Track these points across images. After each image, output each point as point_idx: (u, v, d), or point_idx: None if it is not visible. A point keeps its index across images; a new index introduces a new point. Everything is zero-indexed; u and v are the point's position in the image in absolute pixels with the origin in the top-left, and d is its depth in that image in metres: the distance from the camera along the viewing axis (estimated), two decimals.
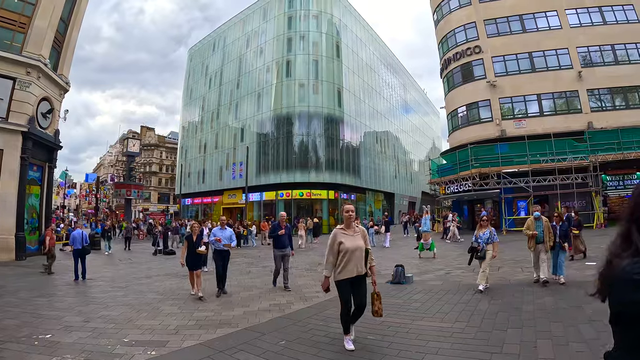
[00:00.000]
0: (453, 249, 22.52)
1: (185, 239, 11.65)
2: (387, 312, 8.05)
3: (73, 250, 14.83)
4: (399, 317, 8.40)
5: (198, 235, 11.65)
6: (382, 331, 7.36)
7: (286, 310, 9.34)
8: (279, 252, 12.20)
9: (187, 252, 11.28)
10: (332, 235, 6.48)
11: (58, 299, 11.14)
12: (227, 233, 11.87)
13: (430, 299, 9.94)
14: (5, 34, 21.22)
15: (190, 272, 11.40)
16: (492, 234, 10.69)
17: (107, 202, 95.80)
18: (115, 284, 13.81)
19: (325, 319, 8.33)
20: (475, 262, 11.13)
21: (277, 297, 10.87)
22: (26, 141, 20.98)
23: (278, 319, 8.60)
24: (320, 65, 49.59)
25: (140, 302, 10.46)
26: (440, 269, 15.33)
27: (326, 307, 9.29)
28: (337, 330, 7.10)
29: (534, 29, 37.33)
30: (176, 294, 11.61)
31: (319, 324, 8.02)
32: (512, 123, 36.37)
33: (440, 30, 44.21)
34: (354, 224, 6.71)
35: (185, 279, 14.03)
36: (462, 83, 40.42)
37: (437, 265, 16.16)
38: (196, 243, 11.42)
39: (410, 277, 12.48)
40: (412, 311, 8.88)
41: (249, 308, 9.60)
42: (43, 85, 22.44)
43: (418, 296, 10.37)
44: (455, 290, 10.76)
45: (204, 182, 61.94)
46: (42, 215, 23.57)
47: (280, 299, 10.53)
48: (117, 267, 19.30)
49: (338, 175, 48.44)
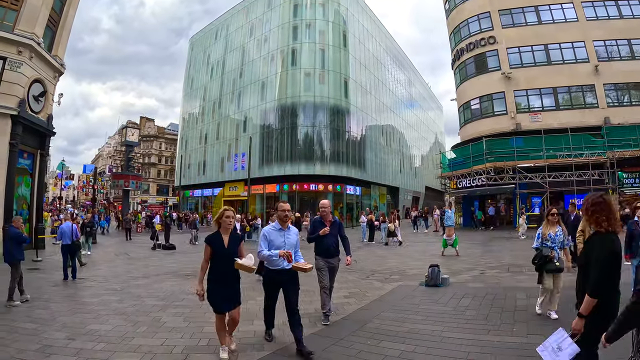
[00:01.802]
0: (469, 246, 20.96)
1: (208, 242, 5.90)
2: (445, 324, 7.26)
3: (62, 245, 13.12)
4: (464, 330, 7.07)
5: (234, 235, 6.15)
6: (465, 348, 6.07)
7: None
8: (324, 263, 7.85)
9: (211, 269, 5.89)
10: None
11: (40, 305, 9.43)
12: (293, 237, 6.69)
13: (482, 306, 8.70)
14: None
15: (219, 314, 5.90)
16: (565, 235, 7.94)
17: (105, 193, 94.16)
18: (109, 284, 12.10)
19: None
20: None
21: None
22: (16, 126, 19.21)
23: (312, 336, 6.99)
24: (327, 55, 48.06)
25: (137, 311, 8.80)
26: (470, 268, 14.06)
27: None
28: None
29: (550, 20, 36.27)
30: (179, 299, 9.96)
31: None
32: (528, 116, 35.50)
33: (452, 20, 42.80)
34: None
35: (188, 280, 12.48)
36: (475, 74, 39.30)
37: (464, 264, 14.83)
38: (230, 250, 5.89)
39: (447, 279, 11.24)
40: (475, 322, 7.56)
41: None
42: (36, 66, 20.70)
43: (466, 301, 9.12)
44: (503, 295, 9.53)
45: (205, 174, 60.42)
46: (34, 206, 21.83)
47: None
48: (112, 263, 17.61)
49: (344, 168, 47.10)
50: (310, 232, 8.23)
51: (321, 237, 7.85)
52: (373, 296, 10.12)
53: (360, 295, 10.24)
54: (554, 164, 31.55)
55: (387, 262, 16.33)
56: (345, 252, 8.10)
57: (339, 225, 8.20)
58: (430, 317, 8.02)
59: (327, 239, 7.88)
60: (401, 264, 15.65)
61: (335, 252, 7.99)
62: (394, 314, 8.32)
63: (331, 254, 7.95)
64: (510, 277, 11.85)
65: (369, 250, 21.54)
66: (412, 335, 6.84)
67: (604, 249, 3.63)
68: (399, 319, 7.90)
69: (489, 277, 12.03)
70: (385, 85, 63.95)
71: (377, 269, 14.17)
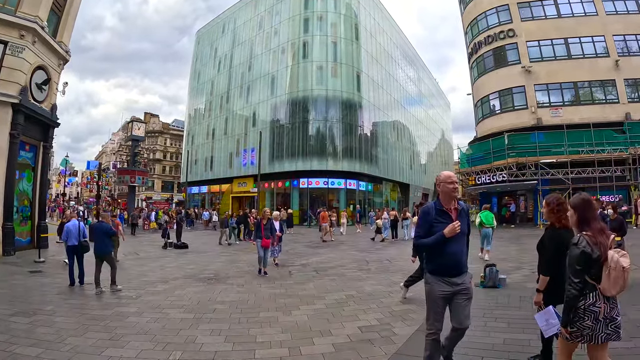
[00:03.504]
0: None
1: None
2: (536, 332, 5.72)
3: (67, 246, 11.51)
4: None
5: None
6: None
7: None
8: (445, 286, 4.55)
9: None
10: None
11: (44, 320, 7.76)
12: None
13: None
14: None
15: None
16: None
17: (110, 190, 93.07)
18: (123, 291, 10.49)
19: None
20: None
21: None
22: (17, 115, 17.70)
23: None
24: (339, 48, 46.90)
25: (163, 328, 7.24)
26: (516, 267, 13.12)
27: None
28: None
29: (569, 14, 35.38)
30: (210, 310, 8.48)
31: None
32: (549, 111, 34.56)
33: (469, 12, 41.69)
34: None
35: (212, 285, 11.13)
36: (494, 68, 38.26)
37: (508, 263, 13.72)
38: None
39: (504, 279, 10.37)
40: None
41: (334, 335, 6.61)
42: (39, 51, 19.27)
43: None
44: None
45: (212, 170, 59.18)
46: (36, 202, 20.33)
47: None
48: (122, 264, 16.04)
49: (357, 163, 46.04)
50: (423, 231, 4.66)
51: (444, 241, 4.46)
52: None
53: (421, 300, 8.90)
54: (576, 159, 30.95)
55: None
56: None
57: (467, 215, 4.85)
58: (513, 323, 7.14)
59: (454, 243, 4.53)
60: None
61: (464, 266, 4.68)
62: (474, 322, 7.05)
63: (459, 269, 4.61)
64: None
65: (397, 248, 20.42)
66: (512, 347, 5.98)
67: (553, 241, 4.75)
68: (482, 328, 6.87)
69: None
70: (395, 80, 62.76)
71: None
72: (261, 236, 13.12)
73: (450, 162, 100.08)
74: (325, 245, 22.15)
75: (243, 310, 8.52)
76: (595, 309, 3.65)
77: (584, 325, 3.68)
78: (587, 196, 4.18)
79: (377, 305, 8.69)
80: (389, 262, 15.18)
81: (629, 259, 3.60)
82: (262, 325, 7.36)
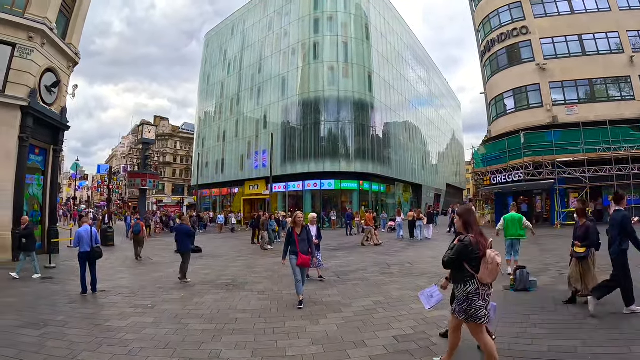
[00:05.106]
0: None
1: None
2: (579, 337, 6.35)
3: (79, 253, 11.10)
4: (607, 343, 6.21)
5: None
6: None
7: None
8: None
9: None
10: None
11: (55, 333, 7.35)
12: None
13: (599, 312, 7.48)
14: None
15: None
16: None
17: (120, 193, 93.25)
18: (138, 299, 10.08)
19: None
20: None
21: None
22: (26, 118, 17.48)
23: None
24: (350, 48, 46.51)
25: (183, 341, 6.83)
26: (542, 268, 13.04)
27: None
28: None
29: (583, 10, 34.85)
30: (232, 320, 8.08)
31: None
32: (564, 109, 33.90)
33: (481, 10, 41.14)
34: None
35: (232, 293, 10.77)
36: (507, 66, 37.66)
37: (533, 264, 12.95)
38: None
39: (535, 282, 10.13)
40: (608, 332, 6.65)
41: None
42: (48, 53, 19.03)
43: (574, 308, 8.10)
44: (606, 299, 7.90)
45: (223, 172, 59.05)
46: (46, 207, 20.06)
47: None
48: (135, 269, 15.73)
49: (370, 164, 45.64)
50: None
51: None
52: None
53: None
54: (593, 158, 30.50)
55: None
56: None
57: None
58: (554, 329, 6.87)
59: None
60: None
61: None
62: (511, 329, 6.95)
63: None
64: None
65: (416, 250, 20.18)
66: (559, 356, 5.69)
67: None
68: (523, 335, 6.64)
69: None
70: (407, 80, 62.47)
71: (439, 272, 12.18)
72: (296, 251, 9.33)
73: (462, 162, 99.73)
74: (343, 249, 21.70)
75: (267, 319, 8.16)
76: (480, 292, 4.84)
77: (478, 305, 4.80)
78: (469, 206, 5.93)
79: (408, 312, 8.31)
80: (411, 265, 14.85)
81: (500, 258, 4.88)
82: (290, 336, 7.00)
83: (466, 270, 4.90)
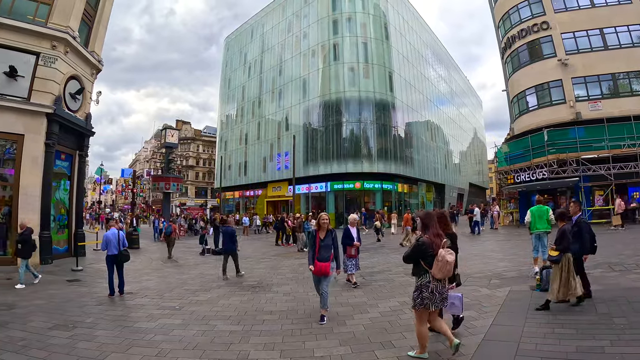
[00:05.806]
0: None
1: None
2: (608, 338, 6.19)
3: (107, 256, 11.36)
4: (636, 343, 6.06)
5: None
6: None
7: None
8: None
9: None
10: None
11: (84, 334, 7.51)
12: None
13: (625, 312, 7.43)
14: (27, 6, 18.24)
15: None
16: None
17: (144, 197, 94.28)
18: (165, 301, 10.31)
19: None
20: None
21: None
22: (52, 124, 17.91)
23: None
24: (370, 48, 46.44)
25: (211, 342, 7.02)
26: None
27: None
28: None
29: (603, 3, 34.02)
30: (259, 322, 8.25)
31: None
32: (587, 105, 33.06)
33: (501, 6, 40.56)
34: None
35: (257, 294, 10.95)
36: (529, 62, 37.03)
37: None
38: None
39: None
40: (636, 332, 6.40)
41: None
42: (71, 61, 19.43)
43: (602, 308, 7.86)
44: (633, 297, 8.27)
45: (246, 175, 59.40)
46: (72, 211, 20.54)
47: None
48: (161, 271, 16.00)
49: (392, 165, 45.36)
50: None
51: None
52: (491, 306, 8.57)
53: (477, 306, 8.66)
54: (618, 154, 29.72)
55: (468, 263, 14.32)
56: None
57: None
58: (581, 330, 6.72)
59: None
60: (486, 265, 14.12)
61: None
62: (538, 329, 6.90)
63: None
64: (621, 277, 10.36)
65: None
66: (587, 356, 5.62)
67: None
68: (549, 335, 6.59)
69: (599, 278, 10.20)
70: (427, 79, 62.05)
71: (467, 272, 12.12)
72: (314, 257, 8.27)
73: (484, 161, 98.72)
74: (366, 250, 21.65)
75: (294, 320, 8.29)
76: (430, 286, 5.66)
77: (424, 296, 5.65)
78: (429, 211, 7.11)
79: None
80: None
81: (454, 256, 5.75)
82: (317, 337, 7.12)
83: (421, 266, 5.78)
